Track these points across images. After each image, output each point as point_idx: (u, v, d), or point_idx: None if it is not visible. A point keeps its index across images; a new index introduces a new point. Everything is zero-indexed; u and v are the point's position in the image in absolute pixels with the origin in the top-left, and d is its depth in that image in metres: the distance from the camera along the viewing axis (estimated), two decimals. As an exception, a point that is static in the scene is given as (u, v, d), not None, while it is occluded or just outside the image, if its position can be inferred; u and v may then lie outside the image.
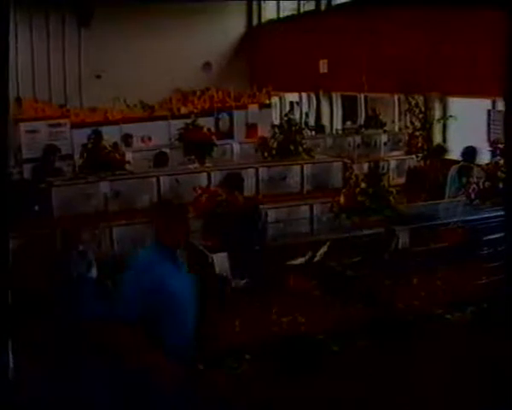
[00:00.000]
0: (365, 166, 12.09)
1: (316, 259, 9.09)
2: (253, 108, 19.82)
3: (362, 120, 20.34)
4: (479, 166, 11.20)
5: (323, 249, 9.10)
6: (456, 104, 17.85)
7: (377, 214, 9.23)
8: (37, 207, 11.75)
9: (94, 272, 8.47)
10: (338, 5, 23.08)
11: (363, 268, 8.83)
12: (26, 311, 7.29)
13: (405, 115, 18.85)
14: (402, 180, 13.46)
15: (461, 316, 8.07)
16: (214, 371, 6.97)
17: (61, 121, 18.68)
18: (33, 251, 9.01)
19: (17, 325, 5.82)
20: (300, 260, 9.12)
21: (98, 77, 25.50)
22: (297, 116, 23.01)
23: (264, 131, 18.67)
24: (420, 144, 16.61)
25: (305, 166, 12.46)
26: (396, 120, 20.13)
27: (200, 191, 9.31)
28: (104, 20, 25.90)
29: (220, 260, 8.12)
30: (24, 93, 23.87)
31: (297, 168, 12.42)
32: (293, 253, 9.59)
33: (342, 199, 9.41)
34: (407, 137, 17.37)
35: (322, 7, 23.79)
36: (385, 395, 7.03)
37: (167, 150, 15.28)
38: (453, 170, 11.79)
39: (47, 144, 16.09)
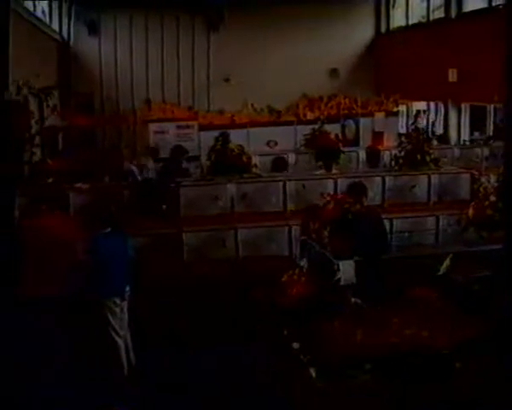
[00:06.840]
0: (494, 178, 11.84)
1: (440, 272, 8.99)
2: (380, 115, 19.68)
3: (490, 131, 19.86)
4: None
5: (447, 262, 8.99)
6: None
7: (507, 229, 9.02)
8: (164, 207, 12.03)
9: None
10: (468, 12, 22.63)
11: (490, 283, 8.67)
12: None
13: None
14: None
15: None
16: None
17: (189, 123, 19.07)
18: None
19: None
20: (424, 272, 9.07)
21: (226, 80, 25.79)
22: (423, 125, 22.69)
23: (390, 139, 18.56)
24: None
25: (432, 177, 12.31)
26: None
27: (328, 198, 9.30)
28: (233, 24, 26.18)
29: (346, 267, 8.11)
30: (154, 95, 24.49)
31: (424, 178, 12.28)
32: (418, 264, 9.51)
33: (471, 212, 9.26)
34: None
35: (453, 14, 23.38)
36: None
37: (285, 156, 15.40)
38: None
39: (175, 145, 16.40)
